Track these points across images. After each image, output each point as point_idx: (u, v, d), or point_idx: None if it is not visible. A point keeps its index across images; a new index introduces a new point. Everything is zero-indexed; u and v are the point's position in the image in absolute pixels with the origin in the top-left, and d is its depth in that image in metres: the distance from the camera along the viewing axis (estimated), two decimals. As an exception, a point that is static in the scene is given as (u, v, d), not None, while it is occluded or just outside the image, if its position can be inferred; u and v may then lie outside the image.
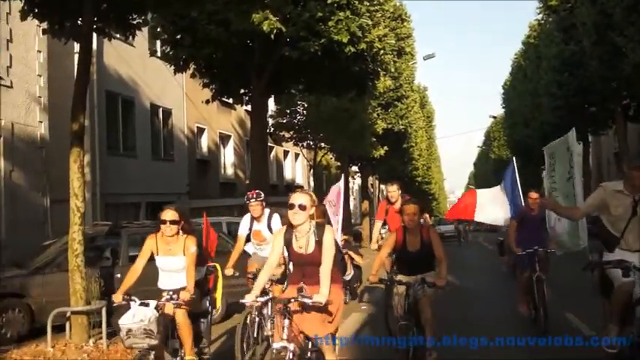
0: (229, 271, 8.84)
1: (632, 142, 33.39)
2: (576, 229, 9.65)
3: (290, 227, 6.06)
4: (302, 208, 5.90)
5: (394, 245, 7.67)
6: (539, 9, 39.15)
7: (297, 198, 5.96)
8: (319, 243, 5.93)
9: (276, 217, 9.27)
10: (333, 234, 6.15)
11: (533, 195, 10.52)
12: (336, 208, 12.52)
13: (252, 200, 9.14)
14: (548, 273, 10.20)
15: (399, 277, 7.57)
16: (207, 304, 7.82)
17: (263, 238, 9.30)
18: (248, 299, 5.97)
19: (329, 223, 10.90)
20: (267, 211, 9.28)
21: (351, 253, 14.35)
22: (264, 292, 7.26)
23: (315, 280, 5.92)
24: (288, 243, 6.08)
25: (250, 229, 9.37)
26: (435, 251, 7.48)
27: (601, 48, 26.66)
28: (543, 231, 10.62)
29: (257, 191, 9.37)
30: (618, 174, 33.75)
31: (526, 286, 10.26)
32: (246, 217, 9.43)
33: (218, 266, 8.25)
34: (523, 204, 11.31)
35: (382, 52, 19.46)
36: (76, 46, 12.09)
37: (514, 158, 13.73)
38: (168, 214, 7.17)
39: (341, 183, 12.96)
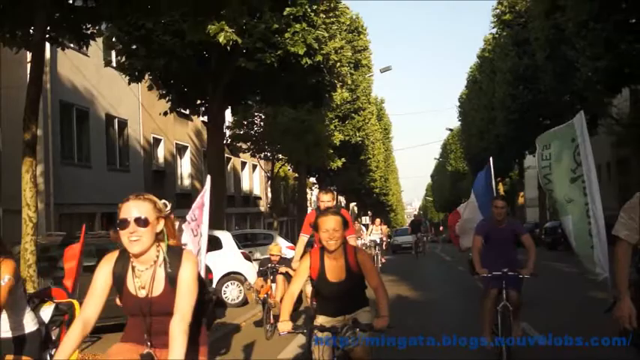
0: None
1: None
2: (591, 255, 6.46)
3: (124, 255, 3.80)
4: (142, 223, 3.64)
5: (308, 274, 5.31)
6: (493, 23, 39.80)
7: (130, 209, 3.68)
8: (173, 280, 3.68)
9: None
10: (197, 264, 3.87)
11: (499, 203, 8.55)
12: (198, 223, 8.04)
13: None
14: (520, 300, 8.31)
15: (320, 321, 5.31)
16: None
17: None
18: None
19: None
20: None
21: (289, 270, 11.62)
22: None
23: (168, 339, 3.57)
24: (119, 281, 3.76)
25: None
26: (367, 280, 5.25)
27: (554, 62, 27.26)
28: (513, 249, 8.64)
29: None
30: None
31: (490, 315, 8.36)
32: None
33: (76, 303, 5.62)
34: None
35: (339, 64, 19.59)
36: (30, 55, 11.95)
37: (490, 159, 12.06)
38: None
39: (206, 186, 8.30)
